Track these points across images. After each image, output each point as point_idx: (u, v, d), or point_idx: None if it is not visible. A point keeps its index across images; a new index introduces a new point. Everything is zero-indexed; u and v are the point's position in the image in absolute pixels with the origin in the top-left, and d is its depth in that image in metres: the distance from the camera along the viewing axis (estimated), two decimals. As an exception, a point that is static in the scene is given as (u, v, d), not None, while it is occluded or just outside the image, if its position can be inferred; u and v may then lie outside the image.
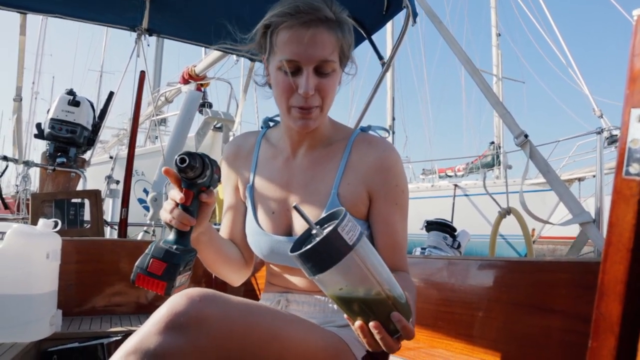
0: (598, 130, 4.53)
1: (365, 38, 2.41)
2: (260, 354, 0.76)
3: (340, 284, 0.65)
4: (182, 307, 0.70)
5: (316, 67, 0.92)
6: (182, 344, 0.68)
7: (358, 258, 0.64)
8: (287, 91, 0.94)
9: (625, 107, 0.35)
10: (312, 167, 1.05)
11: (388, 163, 1.01)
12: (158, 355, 0.66)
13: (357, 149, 1.03)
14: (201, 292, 0.73)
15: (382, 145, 1.03)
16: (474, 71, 1.68)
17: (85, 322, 1.90)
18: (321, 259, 0.63)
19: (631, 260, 0.35)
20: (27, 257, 1.54)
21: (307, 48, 0.90)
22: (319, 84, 0.93)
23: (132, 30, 2.92)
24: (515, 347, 1.27)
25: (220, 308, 0.73)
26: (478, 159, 15.15)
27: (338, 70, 0.97)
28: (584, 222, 1.36)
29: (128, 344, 0.68)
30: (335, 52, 0.94)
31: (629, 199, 0.34)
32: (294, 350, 0.80)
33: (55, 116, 3.74)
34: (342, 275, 0.64)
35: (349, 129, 1.10)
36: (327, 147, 1.06)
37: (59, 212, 2.82)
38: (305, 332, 0.84)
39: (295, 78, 0.93)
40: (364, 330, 0.68)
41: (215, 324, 0.71)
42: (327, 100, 0.96)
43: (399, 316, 0.67)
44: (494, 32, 17.01)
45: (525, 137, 1.49)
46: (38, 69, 21.62)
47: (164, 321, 0.69)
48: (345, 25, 0.96)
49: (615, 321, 0.35)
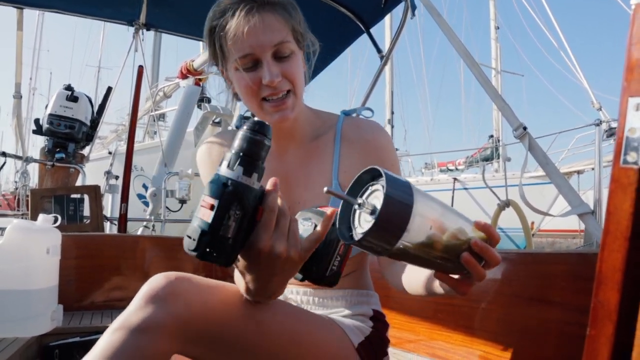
0: (597, 122, 4.54)
1: (364, 31, 2.40)
2: (242, 326, 0.77)
3: (425, 234, 0.59)
4: (161, 283, 0.75)
5: (274, 53, 0.88)
6: (161, 316, 0.72)
7: (424, 199, 0.59)
8: (253, 87, 0.90)
9: (623, 96, 0.35)
10: (305, 163, 1.02)
11: (381, 143, 1.00)
12: (141, 329, 0.71)
13: (346, 135, 1.01)
14: (178, 273, 0.78)
15: (370, 126, 1.02)
16: (472, 64, 1.67)
17: (86, 316, 1.91)
18: (396, 221, 0.55)
19: (629, 249, 0.35)
20: (27, 252, 1.54)
21: (258, 36, 0.86)
22: (283, 69, 0.89)
23: (129, 24, 2.91)
24: (514, 338, 1.28)
25: (196, 285, 0.77)
26: (477, 153, 15.15)
27: (297, 51, 0.93)
28: (582, 214, 1.36)
29: (115, 323, 0.73)
30: (288, 32, 0.90)
31: (627, 188, 0.34)
32: (277, 326, 0.80)
33: (54, 112, 3.72)
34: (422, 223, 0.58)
35: (333, 115, 1.07)
36: (316, 139, 1.03)
37: (59, 208, 2.82)
38: (292, 314, 0.84)
39: (256, 72, 0.89)
40: (471, 262, 0.65)
41: (191, 296, 0.75)
42: (297, 82, 0.92)
43: (478, 242, 0.64)
44: (492, 25, 16.96)
45: (524, 129, 1.49)
46: (35, 64, 21.59)
47: (144, 298, 0.73)
48: (289, 4, 0.92)
49: (613, 309, 0.36)
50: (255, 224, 0.63)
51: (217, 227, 0.59)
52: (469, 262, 0.64)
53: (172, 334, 0.72)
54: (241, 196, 0.60)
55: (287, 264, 0.66)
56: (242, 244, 0.63)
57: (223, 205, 0.59)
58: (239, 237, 0.61)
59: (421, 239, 0.58)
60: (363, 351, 0.90)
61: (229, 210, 0.59)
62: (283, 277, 0.69)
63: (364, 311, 0.99)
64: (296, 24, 0.92)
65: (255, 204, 0.62)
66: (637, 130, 0.34)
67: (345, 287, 1.01)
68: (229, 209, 0.59)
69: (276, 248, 0.64)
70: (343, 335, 0.89)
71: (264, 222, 0.63)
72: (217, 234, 0.59)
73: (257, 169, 0.61)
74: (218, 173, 0.61)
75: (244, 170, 0.60)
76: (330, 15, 2.27)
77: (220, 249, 0.60)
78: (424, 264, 0.65)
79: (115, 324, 0.73)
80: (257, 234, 0.63)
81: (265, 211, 0.63)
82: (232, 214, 0.59)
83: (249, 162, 0.61)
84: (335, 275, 0.72)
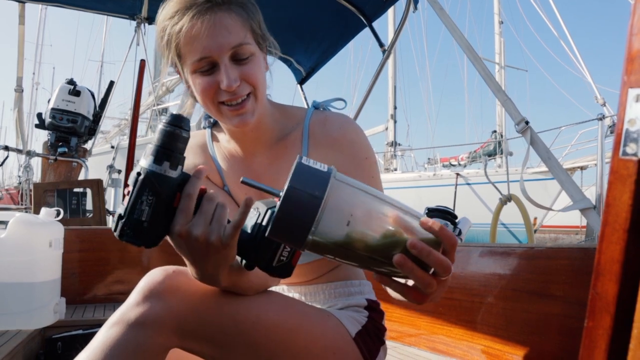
0: (599, 117, 4.52)
1: (366, 25, 2.39)
2: (239, 320, 0.77)
3: (342, 229, 0.53)
4: (159, 278, 0.75)
5: (232, 55, 0.83)
6: (159, 310, 0.72)
7: (349, 192, 0.53)
8: (210, 91, 0.85)
9: (623, 87, 0.35)
10: (274, 164, 0.97)
11: (350, 136, 0.95)
12: (138, 323, 0.71)
13: (314, 132, 0.96)
14: (176, 267, 0.78)
15: (338, 120, 0.97)
16: (475, 58, 1.67)
17: (89, 309, 1.92)
18: (300, 214, 0.52)
19: (627, 241, 0.35)
20: (30, 246, 1.55)
21: (214, 39, 0.81)
22: (242, 73, 0.84)
23: (131, 18, 2.91)
24: (515, 332, 1.28)
25: (193, 280, 0.76)
26: (480, 148, 15.12)
27: (258, 52, 0.87)
28: (584, 209, 1.36)
29: (113, 317, 0.73)
30: (247, 33, 0.85)
31: (626, 179, 0.34)
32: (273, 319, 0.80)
33: (56, 106, 3.72)
34: (336, 214, 0.53)
35: (302, 110, 1.02)
36: (283, 139, 0.97)
37: (62, 202, 2.84)
38: (287, 307, 0.84)
39: (213, 76, 0.84)
40: (406, 265, 0.55)
41: (189, 290, 0.75)
42: (258, 85, 0.87)
43: (416, 243, 0.55)
44: (496, 20, 16.87)
45: (526, 123, 1.49)
46: (38, 59, 21.59)
47: (142, 292, 0.74)
48: (249, 2, 0.87)
49: (611, 301, 0.36)
50: (174, 210, 0.66)
51: (131, 210, 0.64)
52: (403, 265, 0.55)
53: (170, 329, 0.73)
54: (151, 182, 0.64)
55: (210, 248, 0.66)
56: (164, 228, 0.67)
57: (136, 191, 0.64)
58: (156, 221, 0.65)
59: (339, 236, 0.53)
60: (360, 340, 0.90)
61: (141, 196, 0.64)
62: (214, 262, 0.69)
63: (357, 302, 0.99)
64: (255, 23, 0.87)
65: (170, 191, 0.66)
66: (637, 122, 0.34)
67: (334, 279, 1.01)
68: (141, 194, 0.64)
69: (193, 232, 0.65)
70: (339, 325, 0.90)
71: (181, 207, 0.65)
72: (132, 217, 0.64)
73: (171, 158, 0.65)
74: (137, 164, 0.66)
75: (154, 159, 0.64)
76: (333, 9, 2.26)
77: (136, 231, 0.65)
78: (360, 264, 0.57)
79: (113, 318, 0.73)
80: (175, 218, 0.66)
81: (183, 197, 0.66)
82: (145, 199, 0.64)
83: (162, 152, 0.65)
84: (286, 267, 0.71)
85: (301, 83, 2.94)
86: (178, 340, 0.74)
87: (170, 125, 0.66)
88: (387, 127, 15.36)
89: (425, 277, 0.57)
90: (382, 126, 15.41)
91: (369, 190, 0.56)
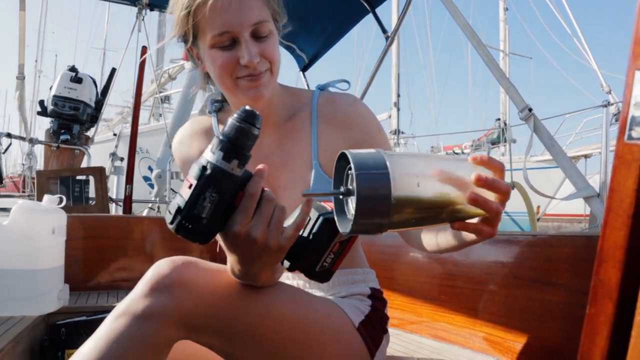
0: (605, 104, 4.48)
1: (369, 11, 2.37)
2: (247, 312, 0.77)
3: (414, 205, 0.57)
4: (166, 270, 0.74)
5: (252, 32, 0.86)
6: (166, 304, 0.71)
7: (400, 158, 0.57)
8: (229, 66, 0.87)
9: (629, 69, 0.34)
10: (282, 145, 0.99)
11: (359, 113, 0.98)
12: (145, 315, 0.70)
13: (323, 112, 0.98)
14: (184, 258, 0.76)
15: (347, 98, 1.00)
16: (478, 44, 1.65)
17: (92, 296, 1.93)
18: (377, 191, 0.54)
19: (631, 227, 0.34)
20: (33, 233, 1.55)
21: (237, 14, 0.83)
22: (261, 49, 0.87)
23: (132, 4, 2.89)
24: (517, 320, 1.28)
25: (202, 271, 0.76)
26: (484, 136, 15.04)
27: (275, 31, 0.90)
28: (588, 197, 1.35)
29: (119, 308, 0.72)
30: (267, 11, 0.88)
31: (631, 164, 0.34)
32: (280, 310, 0.80)
33: (58, 93, 3.72)
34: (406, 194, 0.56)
35: (308, 91, 1.04)
36: (291, 119, 0.99)
37: (64, 189, 2.84)
38: (294, 298, 0.84)
39: (233, 51, 0.86)
40: (479, 200, 0.59)
41: (197, 283, 0.74)
42: (276, 62, 0.90)
43: (481, 175, 0.59)
44: (501, 6, 16.68)
45: (529, 110, 1.47)
46: (40, 47, 21.47)
47: (149, 284, 0.72)
48: None
49: (613, 287, 0.35)
50: (235, 208, 0.64)
51: (192, 205, 0.61)
52: (477, 200, 0.59)
53: (177, 322, 0.72)
54: (218, 180, 0.61)
55: (266, 250, 0.66)
56: (220, 226, 0.65)
57: (200, 186, 0.61)
58: (215, 218, 0.63)
59: (416, 199, 0.56)
60: (364, 330, 0.91)
61: (204, 192, 0.61)
62: (264, 263, 0.69)
63: (361, 290, 0.99)
64: (275, 4, 0.91)
65: (234, 189, 0.63)
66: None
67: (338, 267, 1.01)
68: (205, 190, 0.61)
69: (252, 233, 0.64)
70: (343, 315, 0.90)
71: (242, 207, 0.64)
72: (192, 212, 0.61)
73: (239, 155, 0.62)
74: (202, 156, 0.63)
75: (223, 156, 0.62)
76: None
77: (194, 227, 0.62)
78: (433, 221, 0.62)
79: (119, 309, 0.72)
80: (234, 217, 0.64)
81: (245, 197, 0.64)
82: (208, 196, 0.61)
83: (230, 149, 0.62)
84: (327, 272, 0.72)
85: (304, 70, 2.91)
86: (185, 333, 0.74)
87: (243, 121, 0.62)
88: (390, 115, 15.28)
89: (494, 204, 0.61)
90: (385, 114, 15.33)
91: (412, 154, 0.60)
